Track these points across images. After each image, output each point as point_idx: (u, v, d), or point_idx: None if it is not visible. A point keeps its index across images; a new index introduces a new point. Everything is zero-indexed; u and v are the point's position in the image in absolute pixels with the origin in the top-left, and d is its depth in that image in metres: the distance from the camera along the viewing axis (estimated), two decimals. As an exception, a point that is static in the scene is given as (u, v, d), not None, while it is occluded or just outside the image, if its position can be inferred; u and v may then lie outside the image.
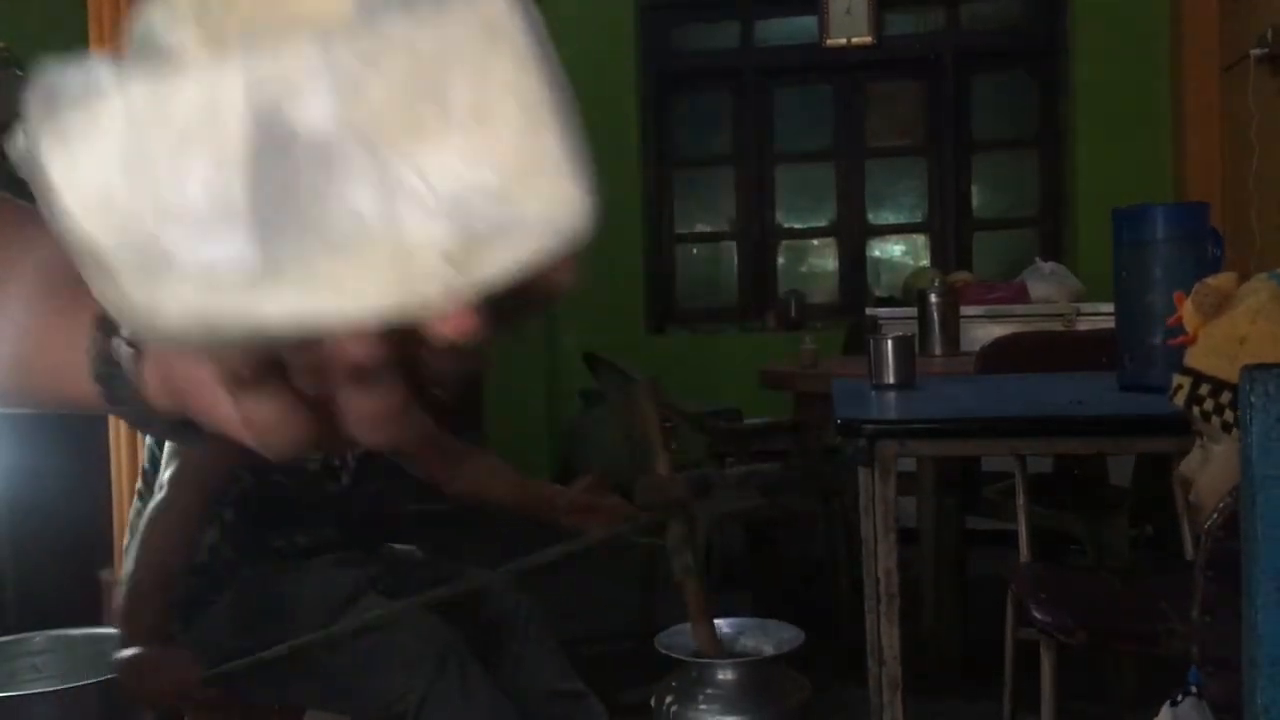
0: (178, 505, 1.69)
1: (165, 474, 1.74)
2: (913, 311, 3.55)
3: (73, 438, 2.76)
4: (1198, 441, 1.18)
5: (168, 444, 1.77)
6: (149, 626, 1.64)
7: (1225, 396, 1.11)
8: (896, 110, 5.71)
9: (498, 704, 1.70)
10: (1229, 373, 1.09)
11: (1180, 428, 1.17)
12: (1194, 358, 1.16)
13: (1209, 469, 1.15)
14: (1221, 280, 1.16)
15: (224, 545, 1.82)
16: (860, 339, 4.08)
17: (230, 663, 1.64)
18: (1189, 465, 1.20)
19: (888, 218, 5.76)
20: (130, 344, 0.46)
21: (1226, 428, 1.11)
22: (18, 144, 0.32)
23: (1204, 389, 1.13)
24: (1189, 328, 1.17)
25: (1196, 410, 1.14)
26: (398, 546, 2.12)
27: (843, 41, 5.41)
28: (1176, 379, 1.17)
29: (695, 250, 5.92)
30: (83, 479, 2.70)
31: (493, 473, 2.06)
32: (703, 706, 1.66)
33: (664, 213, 5.79)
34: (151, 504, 1.71)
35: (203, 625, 1.79)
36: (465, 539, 3.67)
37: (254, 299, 0.31)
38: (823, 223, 5.78)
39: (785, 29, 5.66)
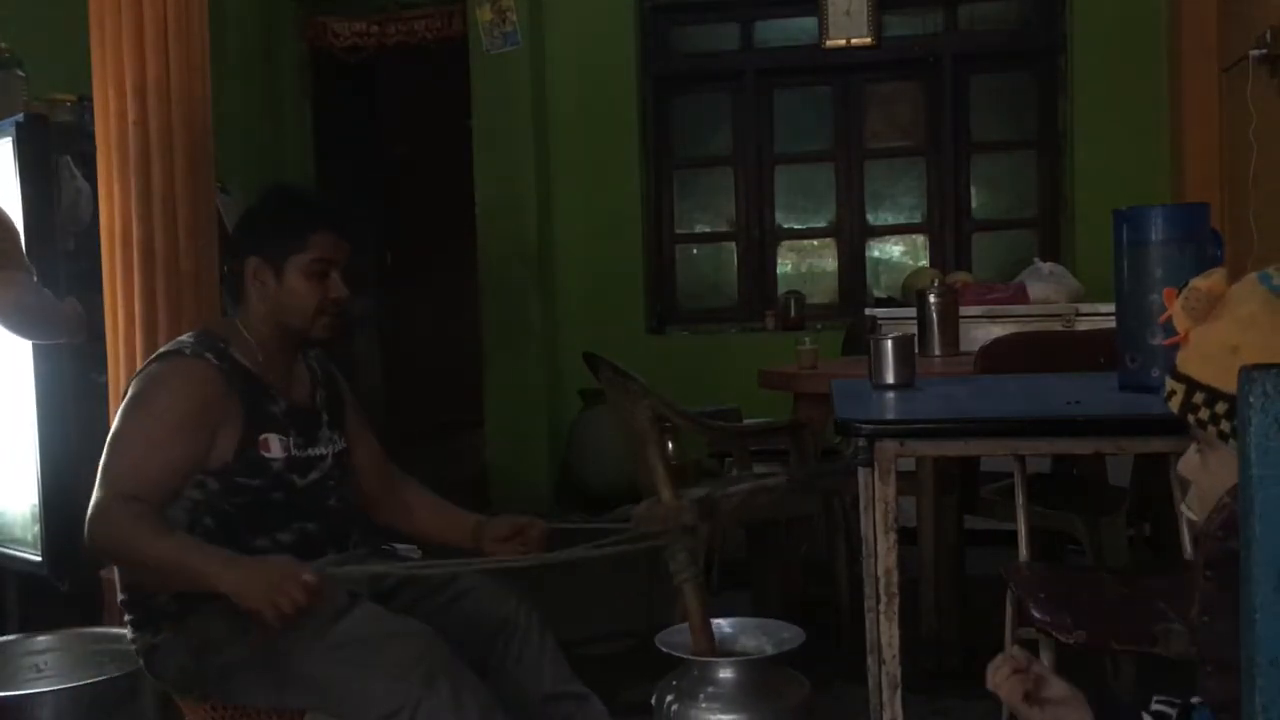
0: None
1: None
2: (912, 312, 3.56)
3: (71, 439, 2.76)
4: (1193, 445, 1.17)
5: None
6: (217, 563, 1.68)
7: (1221, 406, 1.08)
8: (896, 111, 5.71)
9: (491, 716, 1.70)
10: (1224, 382, 1.06)
11: (1178, 428, 1.16)
12: (1186, 363, 1.14)
13: (1207, 474, 1.14)
14: (1212, 282, 1.13)
15: None
16: (860, 339, 4.08)
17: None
18: (1187, 465, 1.18)
19: (887, 218, 5.77)
20: None
21: (1223, 437, 1.09)
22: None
23: (1199, 397, 1.11)
24: (1179, 329, 1.15)
25: (1192, 418, 1.12)
26: (400, 546, 2.13)
27: (842, 42, 5.42)
28: (1170, 384, 1.15)
29: (695, 250, 5.93)
30: (81, 479, 2.70)
31: (433, 512, 2.14)
32: (703, 705, 1.66)
33: (664, 213, 5.79)
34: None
35: (195, 629, 1.79)
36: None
37: None
38: (822, 223, 5.79)
39: (785, 30, 5.67)
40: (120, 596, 1.89)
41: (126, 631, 1.90)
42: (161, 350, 1.95)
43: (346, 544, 1.97)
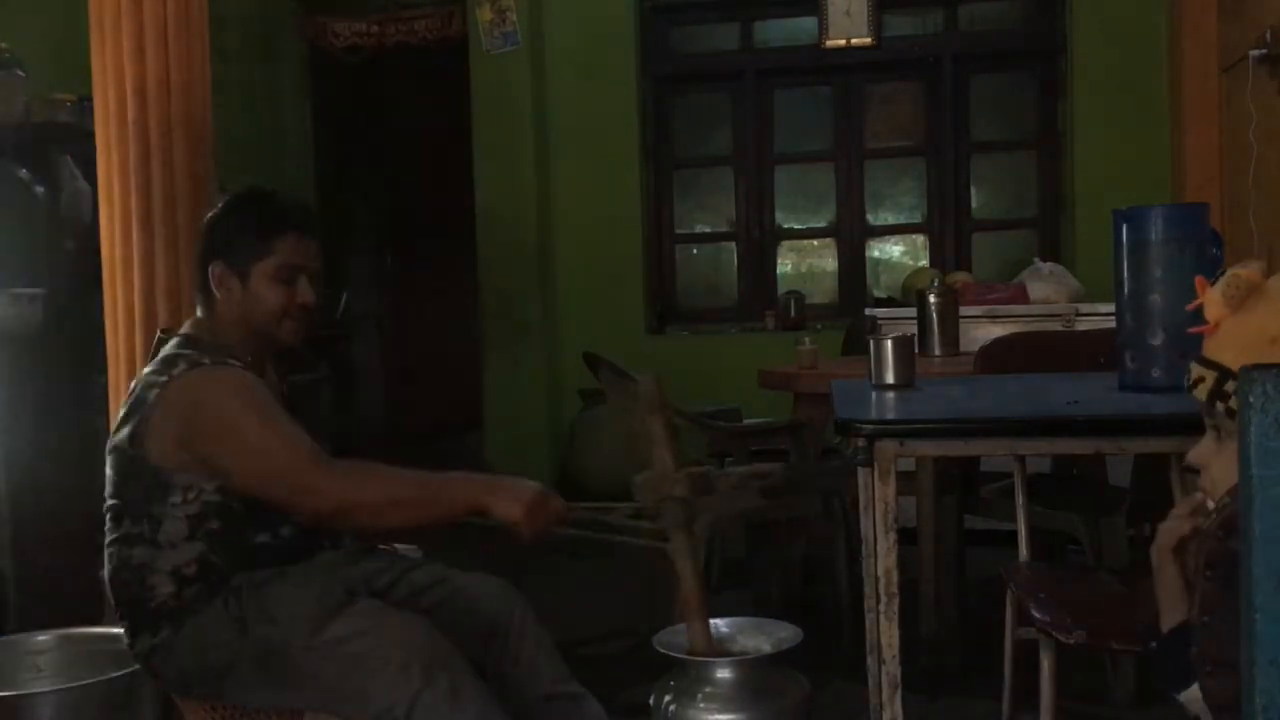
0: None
1: None
2: (912, 312, 3.56)
3: (72, 438, 2.76)
4: (1210, 432, 1.16)
5: None
6: (479, 486, 1.80)
7: None
8: (896, 111, 5.71)
9: (489, 714, 1.69)
10: None
11: (1178, 428, 1.16)
12: (1218, 351, 1.12)
13: (1220, 460, 1.12)
14: (1251, 271, 1.12)
15: (213, 554, 1.81)
16: (860, 339, 4.08)
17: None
18: (1200, 452, 1.17)
19: (887, 218, 5.77)
20: None
21: None
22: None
23: (1231, 386, 1.09)
24: (1211, 317, 1.13)
25: (1222, 406, 1.11)
26: (400, 545, 2.12)
27: (842, 42, 5.41)
28: (1197, 370, 1.14)
29: (695, 250, 5.93)
30: (82, 479, 2.70)
31: None
32: (701, 705, 1.66)
33: (664, 213, 5.79)
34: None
35: (194, 630, 1.79)
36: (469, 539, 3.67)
37: None
38: (822, 223, 5.79)
39: (785, 30, 5.66)
40: (116, 604, 1.88)
41: (123, 635, 1.88)
42: (187, 366, 1.84)
43: (341, 539, 1.97)
